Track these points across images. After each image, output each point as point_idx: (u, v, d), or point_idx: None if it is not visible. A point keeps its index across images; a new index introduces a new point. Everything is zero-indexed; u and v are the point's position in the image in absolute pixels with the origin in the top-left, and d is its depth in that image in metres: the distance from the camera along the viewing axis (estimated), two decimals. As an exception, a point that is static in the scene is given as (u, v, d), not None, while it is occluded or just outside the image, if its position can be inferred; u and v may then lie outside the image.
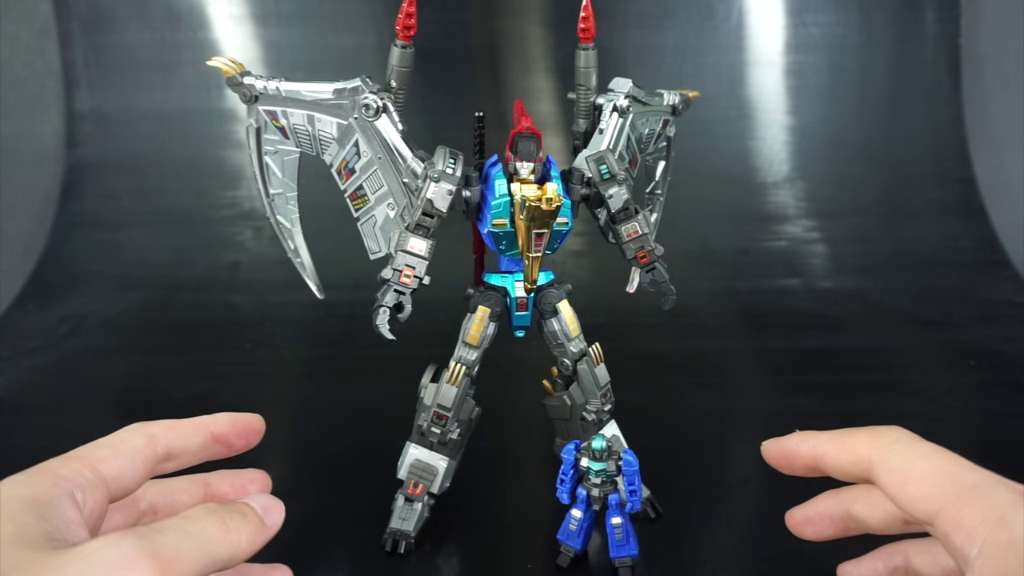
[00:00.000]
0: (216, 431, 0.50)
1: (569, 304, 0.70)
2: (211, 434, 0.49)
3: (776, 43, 1.44)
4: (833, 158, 1.43)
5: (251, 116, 0.66)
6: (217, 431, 0.50)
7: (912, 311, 1.20)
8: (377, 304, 0.63)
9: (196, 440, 0.49)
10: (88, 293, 1.26)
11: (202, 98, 1.40)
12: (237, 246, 1.34)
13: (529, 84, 1.41)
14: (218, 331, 1.16)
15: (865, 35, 1.44)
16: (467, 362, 0.68)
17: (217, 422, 0.50)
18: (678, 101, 0.75)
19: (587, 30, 0.66)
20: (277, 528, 0.45)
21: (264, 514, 0.44)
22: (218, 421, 0.50)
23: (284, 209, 0.68)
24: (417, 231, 0.64)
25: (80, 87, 1.42)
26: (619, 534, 0.64)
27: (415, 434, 0.69)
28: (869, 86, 1.45)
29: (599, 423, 0.71)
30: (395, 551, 0.67)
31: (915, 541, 0.53)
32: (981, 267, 1.31)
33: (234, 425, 0.50)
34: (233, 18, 1.40)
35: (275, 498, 0.46)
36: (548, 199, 0.57)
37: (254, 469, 0.55)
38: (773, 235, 1.36)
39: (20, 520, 0.37)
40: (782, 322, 1.16)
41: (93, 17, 1.41)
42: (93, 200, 1.39)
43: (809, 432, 0.51)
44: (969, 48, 1.44)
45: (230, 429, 0.50)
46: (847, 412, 0.90)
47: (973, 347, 1.07)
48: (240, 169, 1.39)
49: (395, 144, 0.64)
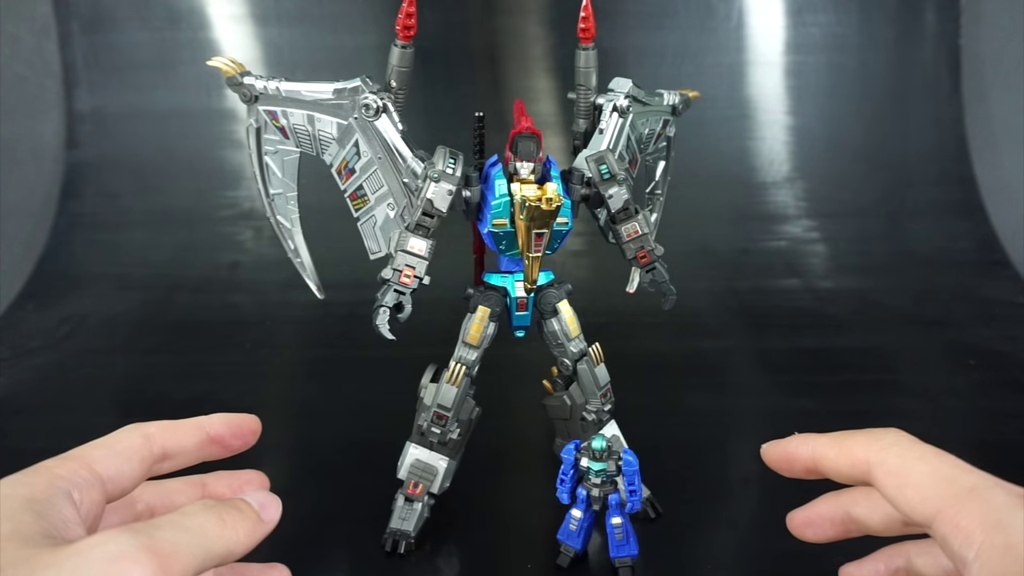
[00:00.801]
0: (212, 432, 0.50)
1: (569, 304, 0.70)
2: (207, 434, 0.49)
3: (776, 43, 1.44)
4: (833, 158, 1.43)
5: (251, 116, 0.66)
6: (213, 432, 0.50)
7: (912, 311, 1.19)
8: (377, 304, 0.63)
9: (192, 440, 0.49)
10: (88, 293, 1.26)
11: (202, 98, 1.40)
12: (237, 246, 1.34)
13: (529, 84, 1.41)
14: (218, 331, 1.16)
15: (865, 35, 1.44)
16: (467, 362, 0.68)
17: (213, 423, 0.50)
18: (678, 101, 0.75)
19: (587, 30, 0.66)
20: (274, 524, 0.45)
21: (261, 510, 0.44)
22: (214, 422, 0.50)
23: (284, 209, 0.68)
24: (417, 231, 0.64)
25: (80, 87, 1.42)
26: (619, 534, 0.64)
27: (415, 434, 0.69)
28: (869, 86, 1.45)
29: (599, 423, 0.71)
30: (395, 551, 0.67)
31: (916, 542, 0.53)
32: (981, 267, 1.31)
33: (229, 425, 0.51)
34: (233, 18, 1.40)
35: (272, 494, 0.46)
36: (548, 199, 0.57)
37: (251, 470, 0.55)
38: (773, 235, 1.36)
39: (18, 518, 0.37)
40: (782, 322, 1.16)
41: (93, 17, 1.41)
42: (93, 200, 1.39)
43: (808, 435, 0.51)
44: (969, 48, 1.43)
45: (226, 429, 0.50)
46: (847, 412, 0.90)
47: (973, 347, 1.07)
48: (240, 169, 1.39)
49: (395, 144, 0.64)
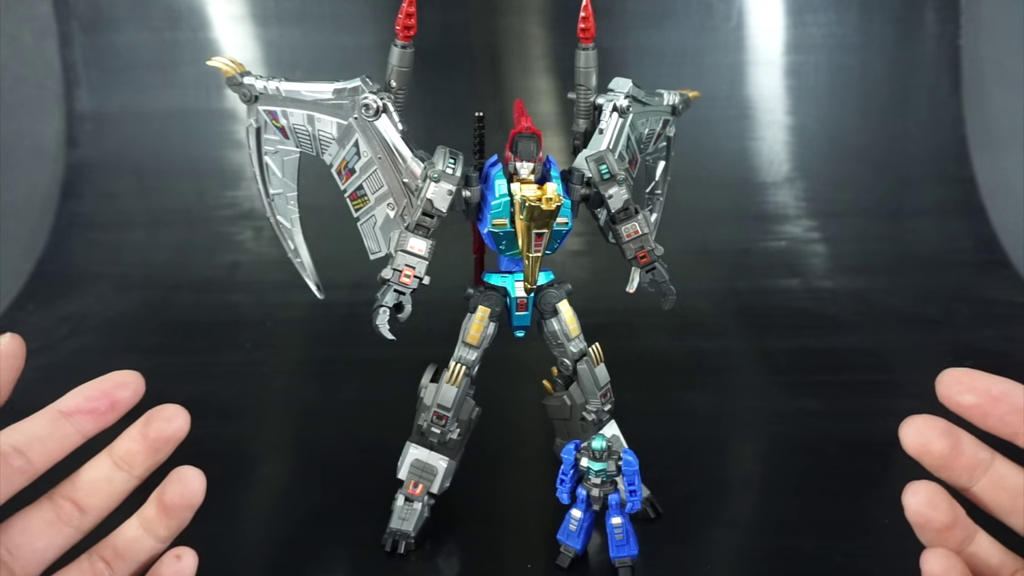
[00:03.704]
0: (63, 407, 0.46)
1: (569, 304, 0.70)
2: (56, 411, 0.46)
3: (776, 43, 1.44)
4: (833, 158, 1.43)
5: (251, 116, 0.65)
6: (64, 407, 0.46)
7: (912, 311, 1.19)
8: (377, 304, 0.63)
9: (41, 422, 0.46)
10: (88, 293, 1.26)
11: (202, 98, 1.40)
12: (237, 246, 1.34)
13: (529, 84, 1.41)
14: (218, 331, 1.16)
15: (865, 35, 1.44)
16: (467, 362, 0.68)
17: (64, 399, 0.47)
18: (678, 101, 0.75)
19: (587, 30, 0.66)
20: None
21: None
22: (67, 396, 0.47)
23: (284, 209, 0.68)
24: (417, 231, 0.64)
25: (80, 87, 1.42)
26: (619, 534, 0.64)
27: (415, 434, 0.69)
28: (869, 86, 1.45)
29: (599, 423, 0.71)
30: (395, 551, 0.67)
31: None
32: (981, 267, 1.31)
33: (84, 393, 0.47)
34: (233, 18, 1.40)
35: None
36: (548, 199, 0.57)
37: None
38: (773, 235, 1.36)
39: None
40: (782, 322, 1.16)
41: (93, 17, 1.41)
42: (93, 200, 1.39)
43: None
44: (969, 48, 1.43)
45: (81, 399, 0.46)
46: (847, 412, 0.90)
47: (973, 347, 1.07)
48: (240, 169, 1.39)
49: (395, 144, 0.64)
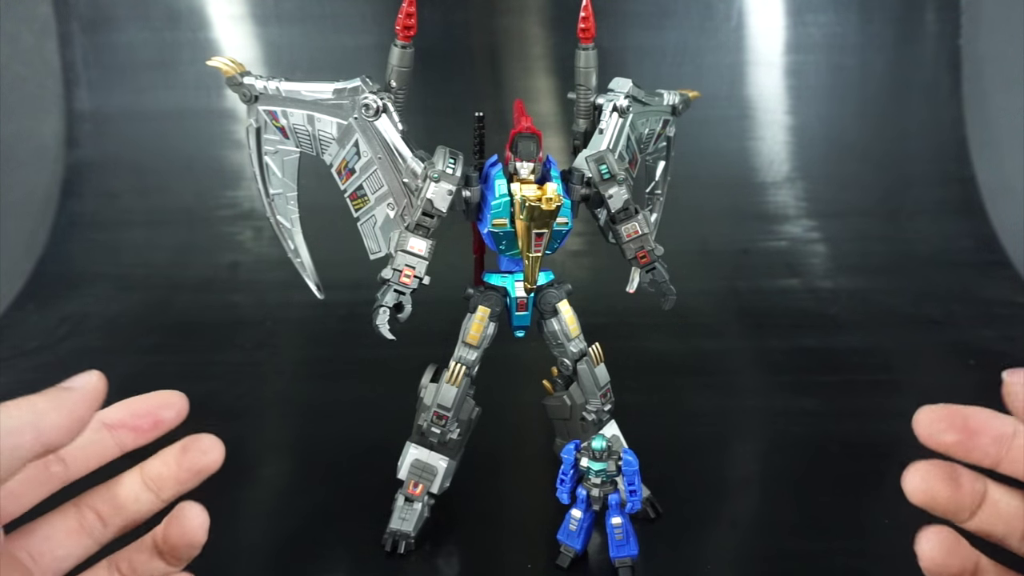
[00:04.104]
0: (108, 419, 0.46)
1: (569, 304, 0.70)
2: (100, 422, 0.45)
3: (776, 43, 1.44)
4: (833, 158, 1.43)
5: (251, 116, 0.65)
6: (109, 419, 0.46)
7: (912, 311, 1.19)
8: (377, 304, 0.63)
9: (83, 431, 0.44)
10: (88, 293, 1.26)
11: (202, 98, 1.40)
12: (237, 246, 1.34)
13: (529, 84, 1.41)
14: (218, 331, 1.16)
15: (865, 35, 1.44)
16: (467, 362, 0.68)
17: (109, 411, 0.46)
18: (678, 101, 0.75)
19: (587, 30, 0.66)
20: (91, 392, 0.41)
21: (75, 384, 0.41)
22: (111, 408, 0.46)
23: (284, 209, 0.68)
24: (417, 231, 0.64)
25: (80, 87, 1.42)
26: (619, 534, 0.64)
27: (415, 434, 0.69)
28: (869, 86, 1.45)
29: (599, 423, 0.71)
30: (395, 551, 0.67)
31: None
32: (981, 267, 1.31)
33: (130, 408, 0.46)
34: (233, 18, 1.40)
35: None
36: (548, 199, 0.57)
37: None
38: (773, 235, 1.36)
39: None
40: (782, 322, 1.16)
41: (93, 17, 1.41)
42: (93, 200, 1.39)
43: None
44: (969, 48, 1.44)
45: (127, 414, 0.46)
46: (847, 412, 0.90)
47: (973, 347, 1.07)
48: (240, 169, 1.39)
49: (395, 144, 0.64)
